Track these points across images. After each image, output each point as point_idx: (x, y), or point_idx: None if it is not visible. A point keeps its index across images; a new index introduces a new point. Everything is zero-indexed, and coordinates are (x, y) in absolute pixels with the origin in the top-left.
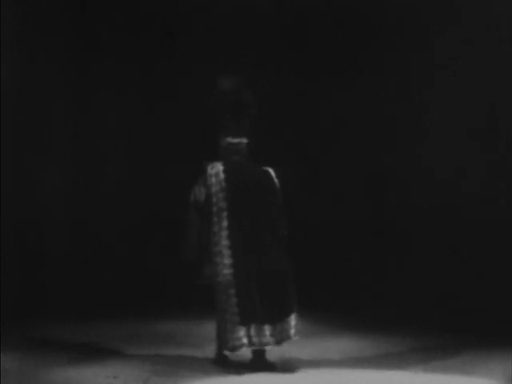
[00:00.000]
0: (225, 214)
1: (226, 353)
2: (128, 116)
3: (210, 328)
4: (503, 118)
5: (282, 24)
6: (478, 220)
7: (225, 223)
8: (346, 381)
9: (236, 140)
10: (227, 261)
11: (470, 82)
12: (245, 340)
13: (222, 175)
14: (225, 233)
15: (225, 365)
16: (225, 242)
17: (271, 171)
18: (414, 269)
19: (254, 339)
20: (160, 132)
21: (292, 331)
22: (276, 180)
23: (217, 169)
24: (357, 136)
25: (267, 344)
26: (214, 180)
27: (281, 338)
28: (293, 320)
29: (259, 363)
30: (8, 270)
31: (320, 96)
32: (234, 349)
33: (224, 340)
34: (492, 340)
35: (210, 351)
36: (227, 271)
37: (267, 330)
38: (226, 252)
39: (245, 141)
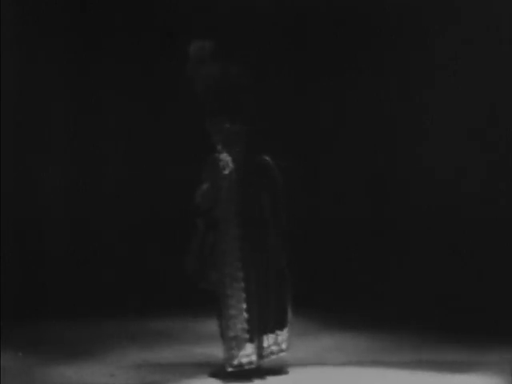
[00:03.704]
0: (235, 221)
1: (229, 369)
2: (128, 116)
3: (207, 326)
4: (503, 118)
5: (282, 24)
6: (478, 220)
7: (235, 232)
8: (346, 380)
9: (236, 127)
10: (238, 274)
11: (470, 82)
12: (253, 357)
13: (233, 176)
14: (236, 243)
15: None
16: (236, 254)
17: (271, 163)
18: (414, 269)
19: (261, 351)
20: (160, 132)
21: (286, 344)
22: (278, 173)
23: (228, 168)
24: (357, 136)
25: (272, 354)
26: (224, 183)
27: (279, 348)
28: (286, 332)
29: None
30: (8, 270)
31: (320, 96)
32: (241, 366)
33: (229, 356)
34: (492, 340)
35: (207, 349)
36: (237, 285)
37: (272, 339)
38: (237, 264)
39: (245, 128)
